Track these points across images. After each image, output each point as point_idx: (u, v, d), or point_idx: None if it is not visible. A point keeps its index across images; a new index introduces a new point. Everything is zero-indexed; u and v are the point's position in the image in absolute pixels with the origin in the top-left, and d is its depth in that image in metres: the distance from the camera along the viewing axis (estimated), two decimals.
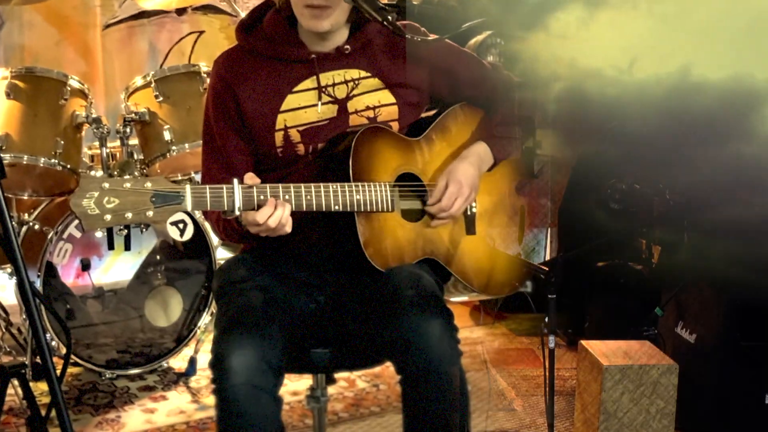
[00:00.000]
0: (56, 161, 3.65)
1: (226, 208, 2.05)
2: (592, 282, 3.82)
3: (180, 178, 4.06)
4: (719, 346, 3.01)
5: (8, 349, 3.83)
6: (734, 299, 2.97)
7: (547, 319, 2.68)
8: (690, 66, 2.50)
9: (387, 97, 2.40)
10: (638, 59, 2.47)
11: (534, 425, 3.22)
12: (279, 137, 2.35)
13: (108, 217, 1.92)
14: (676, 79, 2.51)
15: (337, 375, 2.58)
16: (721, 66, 2.50)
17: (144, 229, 3.79)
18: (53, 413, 2.17)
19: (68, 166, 3.69)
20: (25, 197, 3.97)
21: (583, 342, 3.04)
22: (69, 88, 3.73)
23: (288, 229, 2.12)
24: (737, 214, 2.99)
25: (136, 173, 3.71)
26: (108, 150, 3.80)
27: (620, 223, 3.49)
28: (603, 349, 2.96)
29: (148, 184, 1.96)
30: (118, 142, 3.87)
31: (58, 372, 2.19)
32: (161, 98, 3.82)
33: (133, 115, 3.81)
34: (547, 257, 4.52)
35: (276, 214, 2.08)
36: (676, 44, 2.49)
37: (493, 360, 3.82)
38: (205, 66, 3.86)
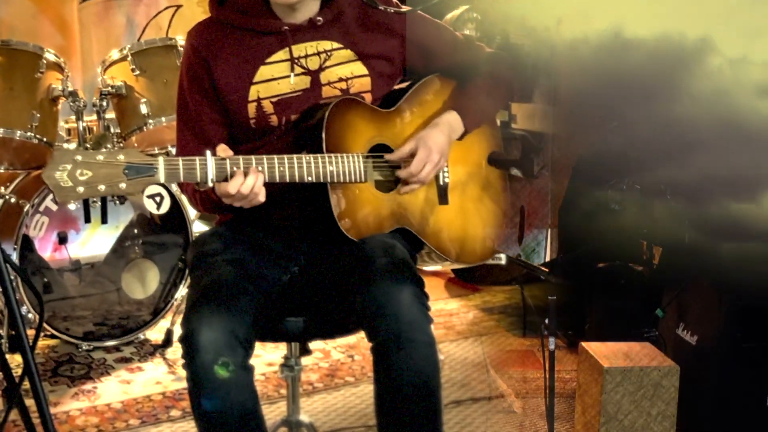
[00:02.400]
0: (32, 134, 3.65)
1: (199, 180, 2.06)
2: (592, 283, 3.76)
3: (157, 151, 4.06)
4: (720, 347, 2.97)
5: None
6: (735, 300, 2.93)
7: (547, 321, 2.66)
8: (622, 24, 2.49)
9: (360, 68, 2.41)
10: (573, 17, 2.46)
11: (534, 427, 3.23)
12: (252, 108, 2.35)
13: (81, 189, 1.92)
14: (610, 36, 2.50)
15: (312, 346, 2.60)
16: (653, 24, 2.49)
17: (121, 203, 3.80)
18: (26, 384, 2.18)
19: (44, 140, 3.69)
20: (1, 170, 3.97)
21: (584, 344, 3.01)
22: (45, 62, 3.72)
23: (261, 198, 2.13)
24: (671, 172, 2.96)
25: (112, 146, 3.71)
26: (84, 123, 3.80)
27: (620, 224, 3.48)
28: (603, 351, 2.93)
29: (121, 157, 1.96)
30: (94, 116, 3.87)
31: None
32: (138, 72, 3.82)
33: (110, 88, 3.82)
34: (548, 258, 4.53)
35: (248, 182, 2.08)
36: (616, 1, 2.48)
37: (493, 362, 3.82)
38: (182, 40, 3.85)
